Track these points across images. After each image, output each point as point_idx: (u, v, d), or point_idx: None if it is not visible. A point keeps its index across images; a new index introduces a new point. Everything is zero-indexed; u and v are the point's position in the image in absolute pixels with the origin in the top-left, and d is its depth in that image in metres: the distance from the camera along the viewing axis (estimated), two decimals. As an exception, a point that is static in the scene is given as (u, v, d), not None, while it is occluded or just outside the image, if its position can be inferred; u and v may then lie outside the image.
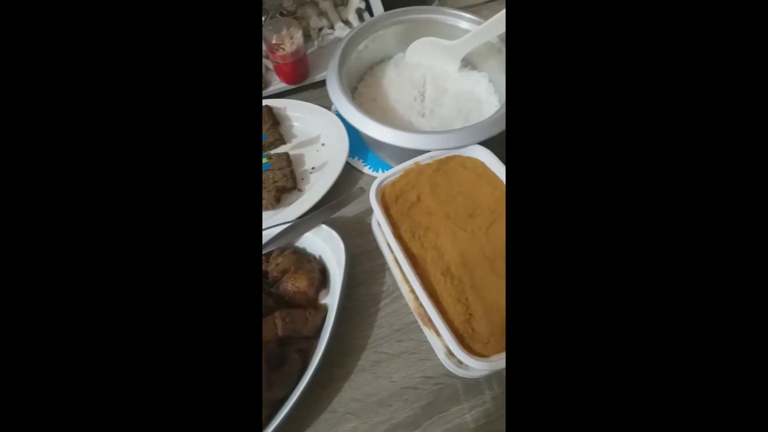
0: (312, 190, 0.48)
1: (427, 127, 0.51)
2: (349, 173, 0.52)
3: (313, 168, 0.52)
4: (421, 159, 0.42)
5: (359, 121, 0.45)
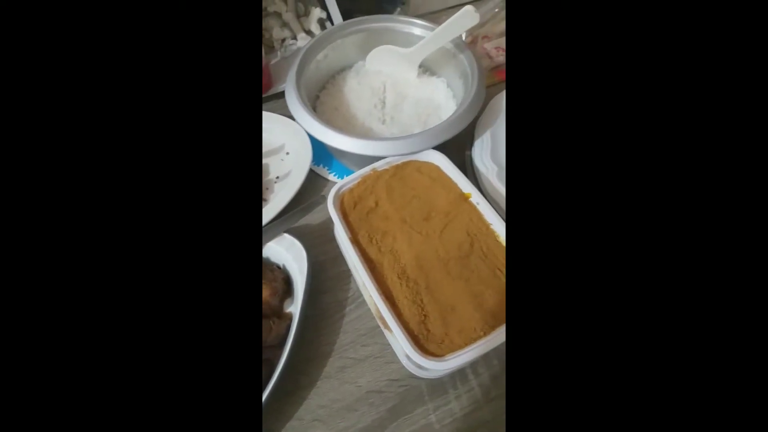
0: (276, 199, 0.48)
1: (387, 133, 0.52)
2: (314, 181, 0.53)
3: (277, 177, 0.52)
4: (378, 165, 0.42)
5: (318, 131, 0.45)
